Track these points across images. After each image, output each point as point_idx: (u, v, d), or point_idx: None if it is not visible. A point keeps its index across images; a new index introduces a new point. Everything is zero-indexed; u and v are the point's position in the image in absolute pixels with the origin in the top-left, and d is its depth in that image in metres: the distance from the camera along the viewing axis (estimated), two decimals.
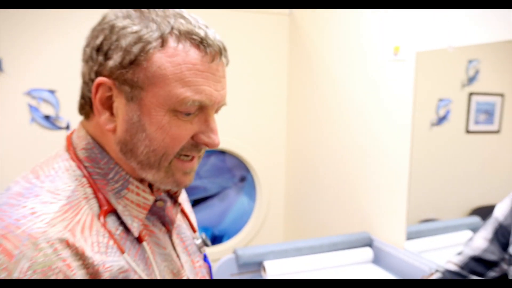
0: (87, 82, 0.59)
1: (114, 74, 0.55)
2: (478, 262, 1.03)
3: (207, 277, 0.74)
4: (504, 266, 0.99)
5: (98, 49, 0.56)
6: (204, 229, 2.28)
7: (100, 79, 0.56)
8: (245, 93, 2.26)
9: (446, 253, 1.61)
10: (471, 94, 1.61)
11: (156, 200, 0.64)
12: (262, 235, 2.41)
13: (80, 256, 0.50)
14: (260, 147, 2.34)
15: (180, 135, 0.57)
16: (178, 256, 0.67)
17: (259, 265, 1.61)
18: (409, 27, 1.56)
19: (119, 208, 0.59)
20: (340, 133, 1.99)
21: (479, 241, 1.04)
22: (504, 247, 0.99)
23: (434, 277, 1.11)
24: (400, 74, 1.61)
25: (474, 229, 1.67)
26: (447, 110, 1.61)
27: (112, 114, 0.58)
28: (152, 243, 0.63)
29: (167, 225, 0.67)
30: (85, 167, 0.59)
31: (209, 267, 0.76)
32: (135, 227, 0.60)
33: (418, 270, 1.52)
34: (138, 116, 0.56)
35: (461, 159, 1.72)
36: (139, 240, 0.60)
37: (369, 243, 1.74)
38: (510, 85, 1.62)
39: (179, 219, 0.74)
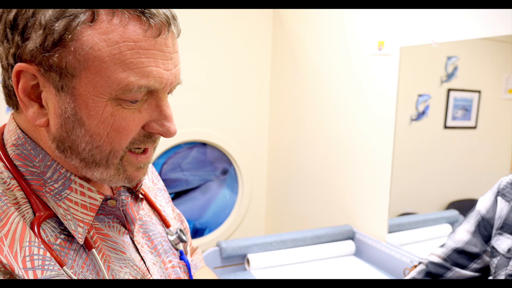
0: (6, 68, 0.49)
1: (36, 59, 0.45)
2: (461, 254, 1.05)
3: (184, 277, 0.67)
4: (486, 258, 1.02)
5: (12, 26, 0.45)
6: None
7: (19, 65, 0.46)
8: (227, 85, 2.25)
9: (425, 245, 1.66)
10: (449, 90, 1.64)
11: (106, 199, 0.55)
12: (244, 228, 2.42)
13: (9, 275, 0.42)
14: (242, 140, 2.34)
15: (127, 127, 0.49)
16: (142, 259, 0.59)
17: (243, 258, 1.61)
18: (393, 22, 1.58)
19: (60, 212, 0.50)
20: (323, 126, 2.00)
21: (462, 234, 1.06)
22: (486, 240, 1.02)
23: (417, 269, 1.13)
24: (384, 68, 1.63)
25: (452, 223, 1.72)
26: (427, 106, 1.64)
27: (41, 105, 0.48)
28: (107, 249, 0.54)
29: (128, 225, 0.59)
30: (16, 166, 0.50)
31: (187, 265, 0.68)
32: (80, 233, 0.51)
33: (399, 262, 1.55)
34: (72, 108, 0.47)
35: (439, 154, 1.75)
36: (87, 247, 0.52)
37: (351, 236, 1.76)
38: (486, 82, 1.66)
39: (147, 215, 0.65)
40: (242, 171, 2.36)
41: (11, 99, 0.51)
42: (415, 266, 1.21)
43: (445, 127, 1.68)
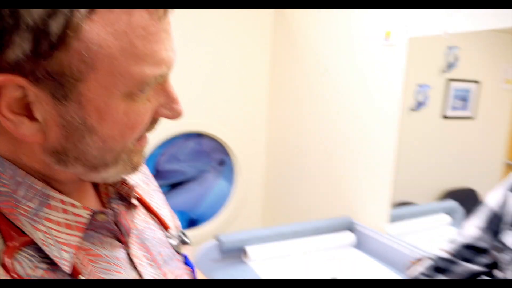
0: None
1: (24, 68, 0.37)
2: (470, 250, 1.05)
3: None
4: (495, 253, 1.02)
5: None
6: (181, 213, 2.26)
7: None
8: (224, 74, 2.22)
9: (424, 236, 1.67)
10: (449, 80, 1.64)
11: (94, 213, 0.47)
12: (241, 219, 2.42)
13: None
14: (240, 130, 2.32)
15: (141, 122, 0.44)
16: (140, 275, 0.53)
17: (241, 251, 1.60)
18: (400, 12, 1.55)
19: (39, 237, 0.42)
20: (324, 117, 1.98)
21: (471, 229, 1.06)
22: (496, 235, 1.02)
23: (425, 263, 1.13)
24: (391, 59, 1.61)
25: (450, 213, 1.74)
26: (426, 96, 1.64)
27: (32, 119, 0.41)
28: (100, 272, 0.47)
29: (122, 237, 0.52)
30: None
31: (192, 270, 0.63)
32: (66, 259, 0.43)
33: (400, 253, 1.55)
34: (81, 117, 0.40)
35: (437, 144, 1.76)
36: (74, 276, 0.44)
37: (351, 228, 1.76)
38: (486, 73, 1.67)
39: (143, 220, 0.59)
40: (239, 161, 2.35)
41: None
42: (419, 260, 1.22)
43: (444, 117, 1.69)
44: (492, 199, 1.04)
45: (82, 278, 0.45)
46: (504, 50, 1.58)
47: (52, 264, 0.43)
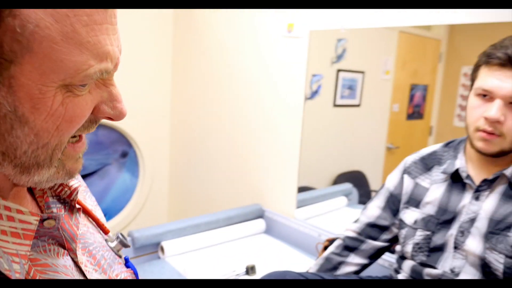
0: None
1: None
2: (373, 228, 1.17)
3: None
4: (395, 229, 1.15)
5: None
6: None
7: None
8: (126, 66, 2.14)
9: (327, 218, 1.81)
10: (338, 70, 1.79)
11: (42, 220, 0.44)
12: (146, 213, 2.36)
13: None
14: (142, 120, 2.25)
15: (81, 115, 0.40)
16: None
17: (156, 246, 1.57)
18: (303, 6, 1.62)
19: None
20: (230, 107, 2.00)
21: (373, 209, 1.18)
22: (395, 214, 1.15)
23: (335, 243, 1.22)
24: (294, 51, 1.68)
25: (348, 195, 1.91)
26: (319, 85, 1.77)
27: None
28: None
29: (67, 243, 0.48)
30: None
31: (135, 272, 0.60)
32: (17, 271, 0.40)
33: (308, 236, 1.66)
34: (11, 104, 0.36)
35: (329, 130, 1.92)
36: None
37: (261, 215, 1.83)
38: (369, 64, 1.85)
39: (82, 224, 0.55)
40: (143, 153, 2.28)
41: None
42: (328, 241, 1.31)
43: (335, 105, 1.84)
44: (389, 182, 1.17)
45: None
46: (384, 44, 1.77)
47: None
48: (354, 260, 1.18)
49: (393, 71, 1.81)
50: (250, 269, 1.43)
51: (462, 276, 0.97)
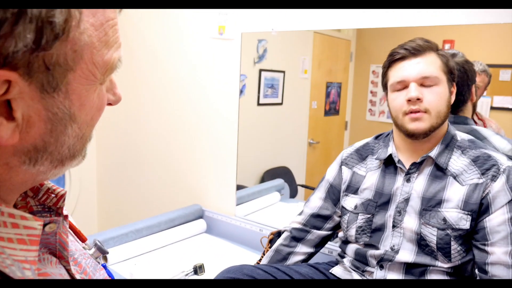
0: None
1: (19, 60, 0.35)
2: (316, 218, 1.25)
3: None
4: (336, 218, 1.24)
5: None
6: None
7: None
8: None
9: (264, 213, 1.86)
10: (261, 70, 1.87)
11: (44, 225, 0.44)
12: (75, 219, 2.22)
13: None
14: None
15: (104, 103, 0.45)
16: None
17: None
18: (234, 9, 1.67)
19: None
20: (163, 109, 1.98)
21: (315, 201, 1.26)
22: (335, 203, 1.24)
23: (283, 236, 1.28)
24: (226, 52, 1.73)
25: (280, 190, 1.98)
26: (243, 85, 1.83)
27: (9, 118, 0.37)
28: None
29: (58, 251, 0.48)
30: None
31: (111, 277, 0.61)
32: (31, 277, 0.40)
33: (250, 232, 1.71)
34: (66, 107, 0.39)
35: (254, 129, 1.98)
36: None
37: (201, 215, 1.85)
38: (289, 64, 1.96)
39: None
40: None
41: None
42: (272, 234, 1.37)
43: (258, 104, 1.91)
44: (329, 174, 1.27)
45: None
46: (301, 44, 1.89)
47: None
48: (302, 250, 1.25)
49: (310, 70, 1.94)
50: (199, 268, 1.44)
51: (401, 252, 1.07)
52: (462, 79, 1.20)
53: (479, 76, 1.31)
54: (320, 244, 1.27)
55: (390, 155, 1.12)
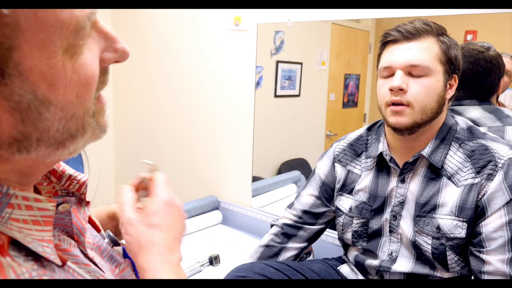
0: None
1: None
2: (309, 215, 1.18)
3: (135, 277, 0.59)
4: (331, 213, 1.18)
5: None
6: None
7: None
8: None
9: (280, 205, 1.87)
10: (278, 62, 1.87)
11: (57, 205, 0.44)
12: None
13: None
14: None
15: (92, 75, 0.39)
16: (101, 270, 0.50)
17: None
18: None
19: (17, 236, 0.39)
20: (179, 102, 1.99)
21: (307, 198, 1.19)
22: (328, 200, 1.17)
23: (272, 230, 1.22)
24: (242, 43, 1.73)
25: (297, 182, 1.98)
26: (260, 77, 1.83)
27: None
28: (76, 267, 0.45)
29: (76, 236, 0.48)
30: None
31: (132, 262, 0.59)
32: (51, 254, 0.41)
33: (265, 223, 1.71)
34: (30, 91, 0.35)
35: (271, 121, 1.99)
36: (63, 266, 0.42)
37: (217, 206, 1.86)
38: (306, 55, 1.95)
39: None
40: (86, 150, 2.21)
41: None
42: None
43: (275, 95, 1.91)
44: (320, 169, 1.18)
45: (71, 264, 0.43)
46: (319, 35, 1.87)
47: (36, 260, 0.40)
48: (294, 245, 1.18)
49: (328, 62, 1.92)
50: (214, 259, 1.45)
51: (398, 261, 1.01)
52: (495, 73, 1.16)
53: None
54: (313, 237, 1.20)
55: (381, 153, 1.03)
